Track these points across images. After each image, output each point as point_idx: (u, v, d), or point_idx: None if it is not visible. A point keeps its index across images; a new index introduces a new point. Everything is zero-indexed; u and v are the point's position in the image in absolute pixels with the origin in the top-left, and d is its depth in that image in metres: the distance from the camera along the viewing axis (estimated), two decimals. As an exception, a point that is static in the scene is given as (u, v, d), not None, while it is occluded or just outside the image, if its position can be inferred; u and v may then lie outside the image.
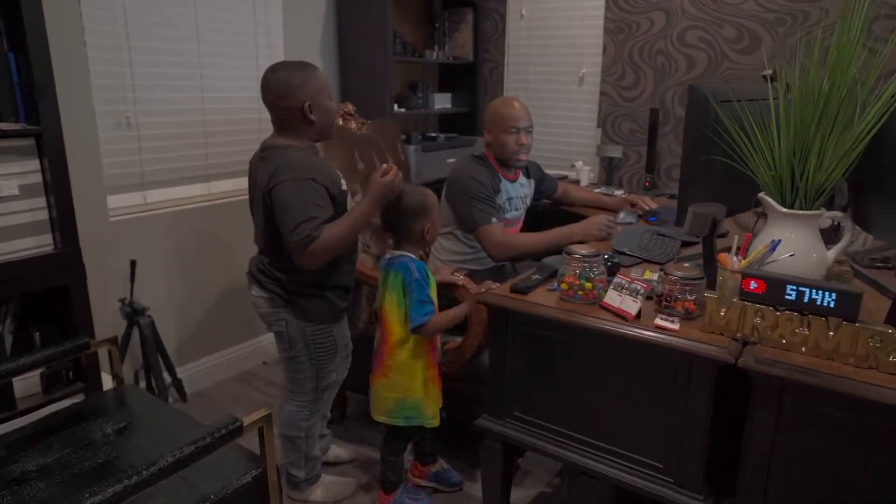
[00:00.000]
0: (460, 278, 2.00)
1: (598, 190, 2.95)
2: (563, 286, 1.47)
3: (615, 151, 3.13)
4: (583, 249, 1.47)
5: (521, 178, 2.37)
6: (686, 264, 1.67)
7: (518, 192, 2.34)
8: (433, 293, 1.78)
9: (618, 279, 1.43)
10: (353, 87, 3.07)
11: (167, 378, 2.43)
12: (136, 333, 2.29)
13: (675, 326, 1.32)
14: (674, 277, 1.38)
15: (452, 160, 3.27)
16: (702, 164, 1.58)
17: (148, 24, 2.31)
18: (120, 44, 2.24)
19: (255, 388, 2.71)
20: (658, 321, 1.34)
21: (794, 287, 1.20)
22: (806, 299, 1.19)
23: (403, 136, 2.80)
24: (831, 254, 1.50)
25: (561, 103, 3.34)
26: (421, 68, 3.56)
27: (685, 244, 2.00)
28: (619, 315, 1.38)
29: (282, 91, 1.67)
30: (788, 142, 1.44)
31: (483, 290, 1.69)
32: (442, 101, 3.51)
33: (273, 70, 1.70)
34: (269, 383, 2.75)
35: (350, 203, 1.81)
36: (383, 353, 1.82)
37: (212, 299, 2.68)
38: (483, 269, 2.27)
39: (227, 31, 2.59)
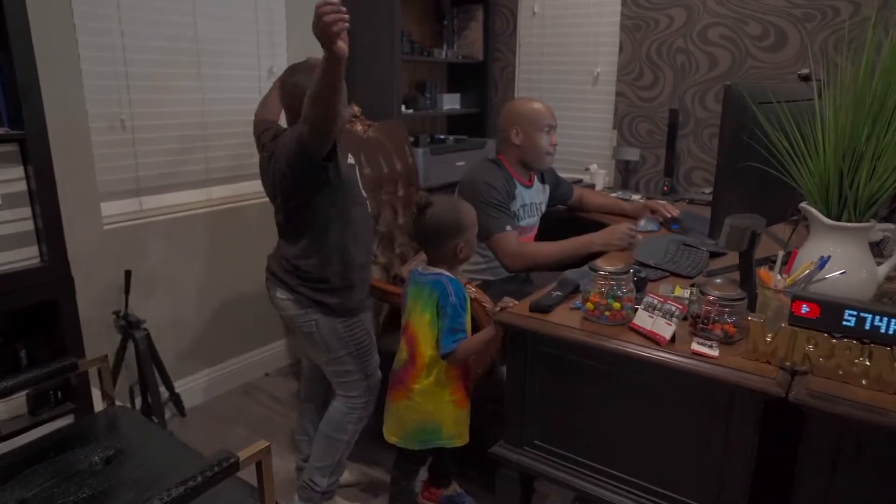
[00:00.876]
0: (473, 291, 1.88)
1: (614, 195, 2.83)
2: (589, 306, 1.35)
3: (632, 154, 3.00)
4: (609, 266, 1.34)
5: (537, 184, 2.25)
6: (718, 280, 1.55)
7: (533, 199, 2.22)
8: (468, 319, 1.66)
9: (649, 299, 1.31)
10: (358, 88, 2.95)
11: (164, 393, 2.32)
12: (131, 347, 2.18)
13: (715, 353, 1.19)
14: (712, 297, 1.25)
15: (462, 163, 3.15)
16: (737, 170, 1.45)
17: (143, 22, 2.20)
18: (114, 42, 2.13)
19: (257, 402, 2.60)
20: (695, 346, 1.21)
21: (854, 312, 1.07)
22: (867, 326, 1.07)
23: (411, 139, 2.68)
24: (883, 270, 1.37)
25: (575, 104, 3.21)
26: (429, 68, 3.44)
27: (713, 255, 1.87)
28: (651, 339, 1.25)
29: (297, 95, 1.60)
30: (837, 147, 1.31)
31: (499, 308, 1.57)
32: (451, 102, 3.39)
33: (291, 72, 1.70)
34: (272, 397, 2.64)
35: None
36: (408, 375, 1.69)
37: (211, 309, 2.57)
38: (496, 280, 2.15)
39: (228, 30, 2.48)
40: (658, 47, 2.89)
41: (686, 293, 1.47)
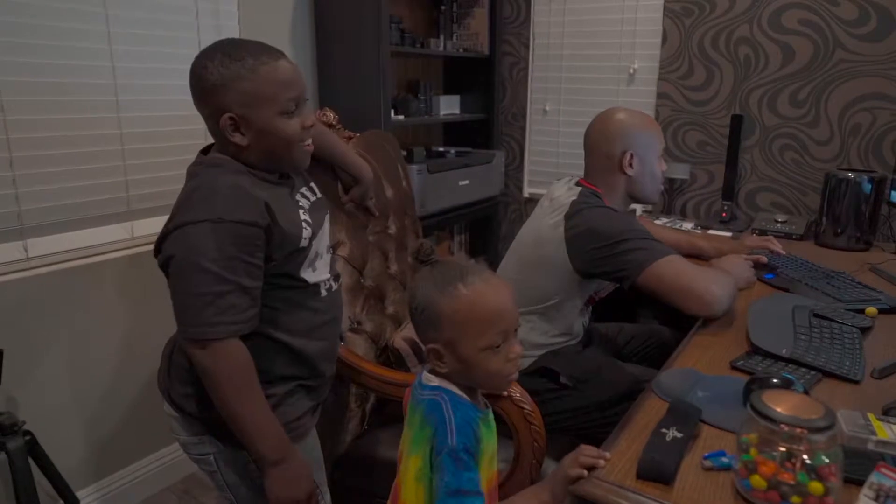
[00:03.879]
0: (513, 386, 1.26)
1: (658, 222, 2.23)
2: (757, 482, 0.73)
3: (680, 171, 2.40)
4: (793, 407, 0.73)
5: None
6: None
7: None
8: (487, 465, 0.97)
9: (884, 479, 0.69)
10: (334, 89, 2.31)
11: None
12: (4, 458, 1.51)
13: None
14: None
15: (466, 182, 2.52)
16: None
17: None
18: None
19: (202, 505, 1.95)
20: None
21: None
22: None
23: (403, 153, 2.05)
24: None
25: (605, 108, 2.60)
26: (422, 64, 2.81)
27: (862, 331, 1.27)
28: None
29: (194, 88, 1.04)
30: None
31: (572, 474, 0.87)
32: (448, 106, 2.76)
33: (199, 56, 1.04)
34: (214, 493, 1.98)
35: (321, 250, 1.17)
36: None
37: (131, 390, 1.90)
38: (566, 348, 1.51)
39: (154, 10, 1.83)
40: (714, 37, 2.29)
41: (894, 432, 0.86)
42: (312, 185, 1.22)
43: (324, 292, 1.16)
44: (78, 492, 1.75)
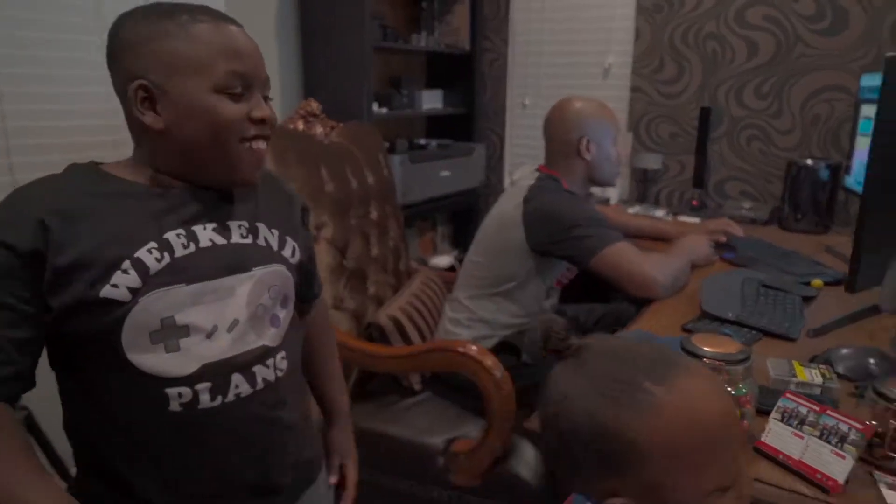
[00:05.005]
0: (473, 348, 1.36)
1: (632, 210, 2.33)
2: (685, 412, 0.82)
3: (652, 161, 2.50)
4: (716, 346, 0.82)
5: None
6: (845, 350, 1.05)
7: None
8: None
9: (787, 402, 0.79)
10: (319, 81, 2.40)
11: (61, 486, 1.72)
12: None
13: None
14: (901, 406, 0.74)
15: (447, 173, 2.62)
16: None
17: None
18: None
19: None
20: (890, 495, 0.70)
21: None
22: None
23: (386, 144, 2.14)
24: None
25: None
26: (405, 59, 2.90)
27: (804, 299, 1.37)
28: (807, 478, 0.73)
29: (107, 55, 0.75)
30: None
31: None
32: (431, 100, 2.85)
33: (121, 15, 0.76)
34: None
35: (200, 320, 0.75)
36: None
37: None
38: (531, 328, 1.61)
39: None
40: (683, 33, 2.40)
41: (814, 375, 0.96)
42: (277, 230, 0.84)
43: (177, 405, 0.72)
44: (72, 469, 1.83)
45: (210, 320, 0.74)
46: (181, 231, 0.74)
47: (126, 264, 0.70)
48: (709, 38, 2.36)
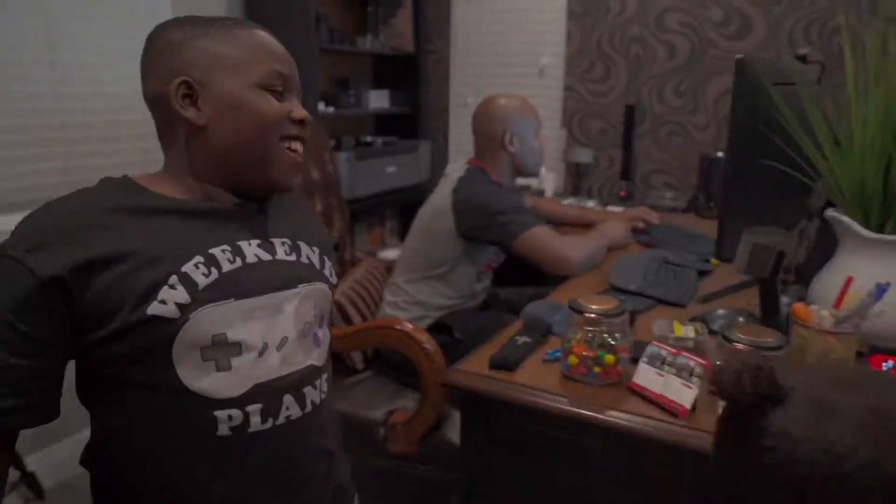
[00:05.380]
0: (409, 325, 1.49)
1: (567, 202, 2.50)
2: (572, 360, 0.97)
3: (584, 156, 2.68)
4: (598, 303, 0.97)
5: None
6: (721, 311, 1.22)
7: None
8: None
9: (653, 349, 0.95)
10: (268, 82, 2.49)
11: (14, 475, 1.78)
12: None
13: (757, 428, 0.84)
14: (740, 346, 0.90)
15: (393, 169, 2.74)
16: (752, 169, 1.11)
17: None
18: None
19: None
20: (727, 418, 0.86)
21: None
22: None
23: (332, 142, 2.26)
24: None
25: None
26: (352, 60, 3.01)
27: (701, 273, 1.55)
28: (664, 407, 0.89)
29: (145, 56, 0.77)
30: (881, 137, 1.00)
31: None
32: (378, 100, 2.97)
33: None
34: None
35: (249, 337, 0.73)
36: None
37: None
38: (466, 309, 1.75)
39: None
40: (610, 36, 2.59)
41: (689, 331, 1.12)
42: (317, 249, 0.83)
43: (226, 428, 0.70)
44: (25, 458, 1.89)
45: (261, 337, 0.72)
46: (226, 246, 0.72)
47: (173, 279, 0.67)
48: (633, 41, 2.55)
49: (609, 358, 0.94)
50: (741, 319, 1.18)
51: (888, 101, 0.99)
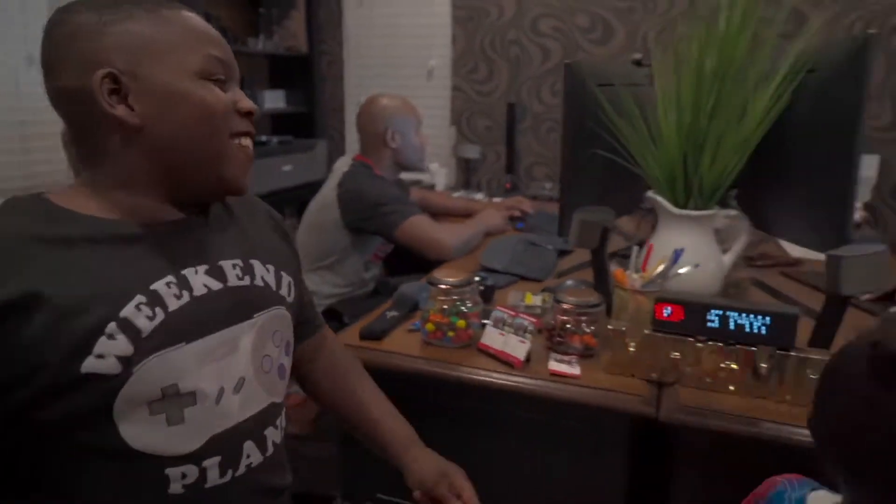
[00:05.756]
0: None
1: (457, 194, 2.67)
2: (429, 327, 1.12)
3: (472, 152, 2.86)
4: (451, 277, 1.12)
5: None
6: (570, 282, 1.41)
7: None
8: None
9: (497, 313, 1.11)
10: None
11: None
12: None
13: (576, 371, 1.02)
14: (567, 305, 1.08)
15: (289, 167, 2.81)
16: (583, 159, 1.31)
17: None
18: None
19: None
20: (553, 365, 1.03)
21: (719, 312, 0.95)
22: (731, 326, 0.94)
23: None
24: (728, 259, 1.31)
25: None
26: (247, 61, 3.04)
27: (561, 253, 1.75)
28: (504, 361, 1.05)
29: (48, 43, 0.64)
30: (679, 130, 1.22)
31: None
32: (274, 100, 3.03)
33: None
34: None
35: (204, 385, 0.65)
36: None
37: None
38: (356, 297, 1.87)
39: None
40: (492, 39, 2.78)
41: (538, 300, 1.30)
42: (272, 266, 0.74)
43: (179, 486, 0.61)
44: None
45: (216, 382, 0.62)
46: (171, 278, 0.61)
47: (111, 327, 0.55)
48: (511, 44, 2.75)
49: (461, 323, 1.10)
50: (570, 283, 1.37)
51: (681, 101, 1.20)
